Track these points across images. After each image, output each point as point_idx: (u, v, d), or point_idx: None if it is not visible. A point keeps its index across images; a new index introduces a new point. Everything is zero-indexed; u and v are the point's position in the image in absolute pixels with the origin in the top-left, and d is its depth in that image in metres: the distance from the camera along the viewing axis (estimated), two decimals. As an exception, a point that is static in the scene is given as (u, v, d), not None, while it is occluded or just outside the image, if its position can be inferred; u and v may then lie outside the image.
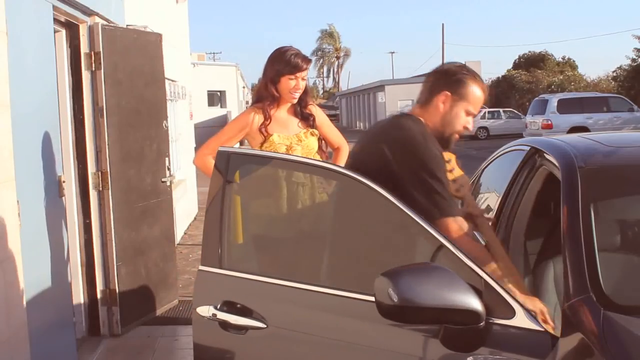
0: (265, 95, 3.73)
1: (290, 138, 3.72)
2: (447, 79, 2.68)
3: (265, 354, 2.40)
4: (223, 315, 2.36)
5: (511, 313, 2.08)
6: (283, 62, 3.69)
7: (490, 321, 2.08)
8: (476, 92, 2.67)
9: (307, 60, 3.81)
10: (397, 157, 2.50)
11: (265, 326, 2.32)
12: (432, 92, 2.68)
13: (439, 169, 2.49)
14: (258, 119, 3.68)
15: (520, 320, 2.07)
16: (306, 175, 2.95)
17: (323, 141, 3.87)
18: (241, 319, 2.35)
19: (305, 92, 3.84)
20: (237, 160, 2.56)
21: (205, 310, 2.38)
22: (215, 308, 2.37)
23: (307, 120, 3.82)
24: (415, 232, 2.27)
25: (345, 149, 3.94)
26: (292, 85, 3.68)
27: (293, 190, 3.07)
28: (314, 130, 3.82)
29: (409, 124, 2.60)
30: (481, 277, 2.12)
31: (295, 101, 3.79)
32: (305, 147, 3.74)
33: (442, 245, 2.18)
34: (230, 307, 2.37)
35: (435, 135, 2.62)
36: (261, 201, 3.10)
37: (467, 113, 2.67)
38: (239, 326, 2.35)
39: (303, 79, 3.77)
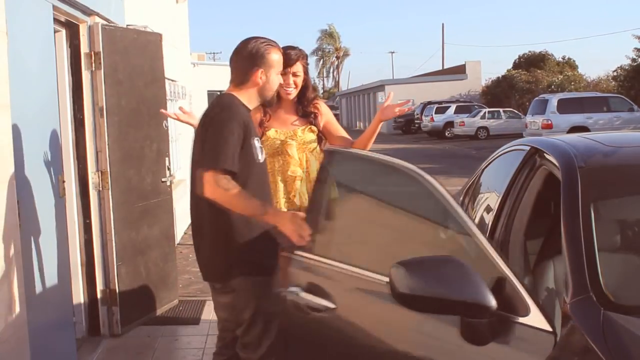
0: None
1: (286, 133, 3.78)
2: (250, 58, 3.18)
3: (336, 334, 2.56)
4: (305, 296, 2.55)
5: (526, 311, 2.09)
6: None
7: (504, 317, 2.10)
8: (275, 56, 3.23)
9: (301, 55, 3.81)
10: (207, 122, 3.09)
11: (335, 307, 2.48)
12: (245, 71, 3.20)
13: (228, 128, 2.98)
14: (258, 118, 3.72)
15: (534, 319, 2.07)
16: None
17: (324, 139, 3.90)
18: (319, 300, 2.52)
19: (306, 87, 3.86)
20: (336, 157, 2.92)
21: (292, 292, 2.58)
22: (300, 290, 2.57)
23: (307, 117, 3.86)
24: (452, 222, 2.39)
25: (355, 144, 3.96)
26: (283, 81, 3.62)
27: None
28: (312, 127, 3.85)
29: (222, 98, 3.20)
30: (501, 273, 2.15)
31: (290, 96, 3.82)
32: (301, 143, 3.78)
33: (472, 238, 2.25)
34: (311, 289, 2.56)
35: (257, 102, 3.26)
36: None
37: (277, 74, 3.27)
38: (317, 307, 2.52)
39: (295, 74, 3.79)
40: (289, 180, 3.75)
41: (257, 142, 3.15)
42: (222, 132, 2.98)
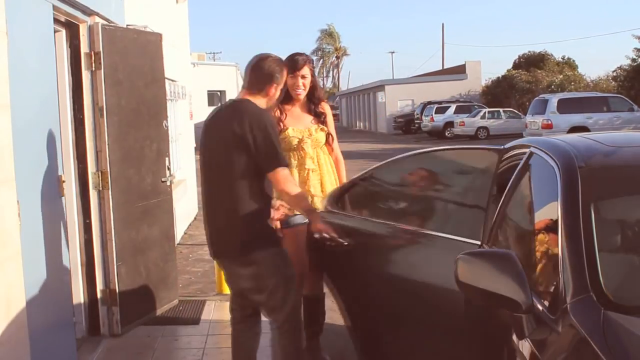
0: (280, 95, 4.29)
1: (302, 132, 4.38)
2: (269, 75, 3.71)
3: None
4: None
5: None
6: (286, 62, 4.17)
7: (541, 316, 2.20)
8: (286, 73, 3.83)
9: (307, 60, 4.41)
10: (247, 127, 3.51)
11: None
12: (265, 84, 3.72)
13: (275, 128, 3.73)
14: (277, 114, 4.30)
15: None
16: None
17: (330, 136, 4.51)
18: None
19: (315, 87, 4.47)
20: None
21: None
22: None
23: (319, 116, 4.48)
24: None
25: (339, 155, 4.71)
26: (292, 83, 4.28)
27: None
28: (324, 126, 4.47)
29: (248, 104, 3.65)
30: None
31: (300, 97, 4.41)
32: (314, 141, 4.41)
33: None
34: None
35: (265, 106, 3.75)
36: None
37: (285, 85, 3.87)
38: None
39: (304, 77, 4.36)
40: (305, 173, 4.38)
41: None
42: (272, 135, 3.58)
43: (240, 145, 3.52)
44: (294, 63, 4.25)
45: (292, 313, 3.71)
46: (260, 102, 3.72)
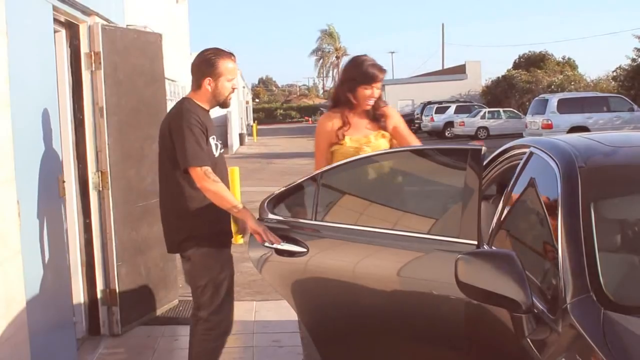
0: (343, 101, 4.05)
1: (360, 140, 4.00)
2: (203, 67, 3.62)
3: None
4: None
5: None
6: (361, 72, 3.98)
7: (542, 317, 2.21)
8: (227, 65, 3.63)
9: (383, 71, 4.06)
10: (167, 126, 3.58)
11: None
12: (198, 80, 3.65)
13: (193, 129, 3.49)
14: (336, 123, 4.02)
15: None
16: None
17: (394, 141, 4.08)
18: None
19: (379, 96, 4.10)
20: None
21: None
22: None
23: (377, 121, 4.08)
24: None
25: None
26: (368, 94, 3.98)
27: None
28: (384, 132, 4.06)
29: (180, 104, 3.65)
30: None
31: (369, 108, 4.05)
32: (374, 148, 3.97)
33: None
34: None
35: (212, 105, 3.69)
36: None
37: (229, 80, 3.66)
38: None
39: (378, 87, 4.05)
40: None
41: (212, 140, 3.65)
42: (186, 134, 3.51)
43: (164, 144, 3.61)
44: (371, 76, 3.96)
45: (216, 314, 3.64)
46: (202, 98, 3.66)
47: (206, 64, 3.63)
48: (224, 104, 3.75)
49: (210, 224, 3.61)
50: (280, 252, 3.44)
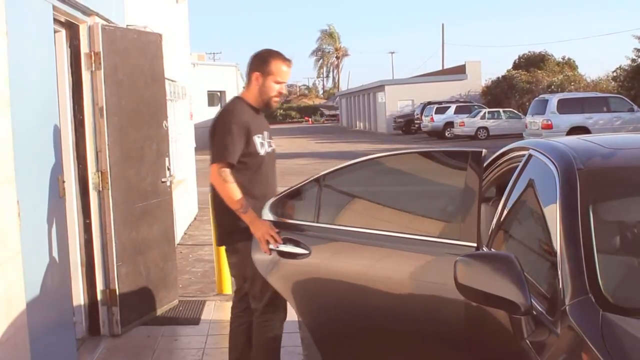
0: None
1: None
2: (255, 62, 3.79)
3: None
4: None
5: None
6: None
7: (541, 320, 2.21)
8: (279, 66, 3.76)
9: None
10: (214, 121, 3.74)
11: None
12: (248, 74, 3.81)
13: (231, 127, 3.64)
14: None
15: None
16: None
17: None
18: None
19: None
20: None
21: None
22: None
23: None
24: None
25: None
26: None
27: None
28: None
29: (227, 103, 3.84)
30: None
31: None
32: None
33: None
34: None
35: (258, 104, 3.81)
36: None
37: (277, 82, 3.77)
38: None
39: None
40: None
41: (257, 138, 3.76)
42: (221, 131, 3.66)
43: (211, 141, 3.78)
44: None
45: (270, 305, 3.78)
46: (250, 96, 3.81)
47: (259, 60, 3.79)
48: (269, 105, 3.85)
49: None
50: (283, 254, 3.46)
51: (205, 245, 8.59)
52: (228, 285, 6.38)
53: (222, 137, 3.63)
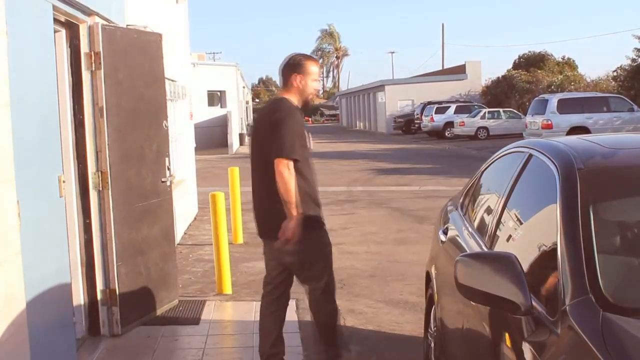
0: None
1: None
2: (293, 66, 4.26)
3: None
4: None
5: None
6: None
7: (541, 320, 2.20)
8: (313, 67, 4.34)
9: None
10: (275, 120, 4.08)
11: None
12: (287, 77, 4.26)
13: (297, 126, 4.07)
14: None
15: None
16: None
17: None
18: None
19: None
20: None
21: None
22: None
23: None
24: None
25: None
26: None
27: None
28: None
29: (280, 101, 4.23)
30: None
31: None
32: None
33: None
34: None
35: (299, 102, 4.24)
36: None
37: (314, 80, 4.32)
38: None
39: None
40: None
41: (306, 133, 4.20)
42: (286, 127, 4.03)
43: (272, 136, 4.05)
44: None
45: (329, 281, 4.32)
46: (292, 96, 4.21)
47: (295, 63, 4.27)
48: (307, 102, 4.33)
49: (315, 207, 4.21)
50: None
51: (205, 245, 8.59)
52: (228, 285, 6.38)
53: (291, 135, 4.01)
